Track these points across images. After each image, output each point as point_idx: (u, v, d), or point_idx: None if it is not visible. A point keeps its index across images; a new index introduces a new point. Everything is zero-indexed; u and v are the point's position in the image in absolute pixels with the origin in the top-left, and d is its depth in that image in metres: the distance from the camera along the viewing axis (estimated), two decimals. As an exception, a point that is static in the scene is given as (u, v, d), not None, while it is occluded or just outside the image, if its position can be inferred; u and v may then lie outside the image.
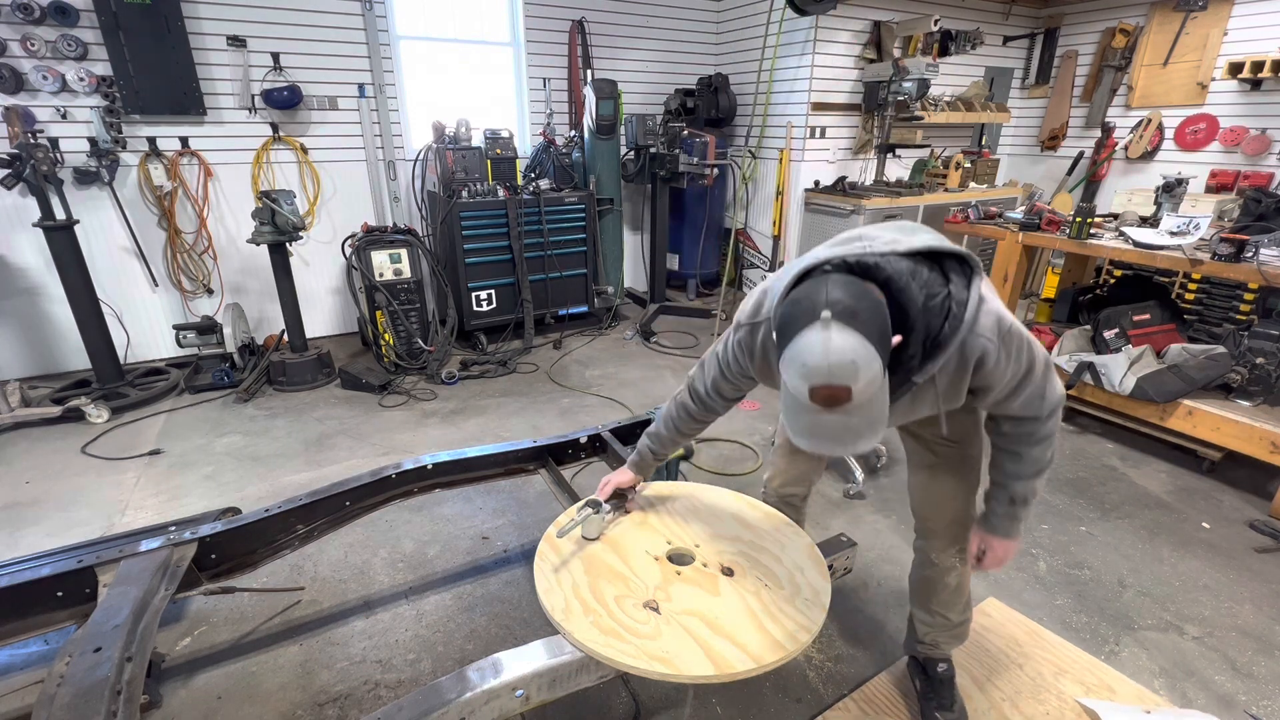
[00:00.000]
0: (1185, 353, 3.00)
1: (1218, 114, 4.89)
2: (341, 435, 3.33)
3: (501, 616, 2.12)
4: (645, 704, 1.80)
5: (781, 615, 1.36)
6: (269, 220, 3.63)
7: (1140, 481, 2.98)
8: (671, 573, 1.50)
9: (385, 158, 4.66)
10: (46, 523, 2.59)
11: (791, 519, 1.71)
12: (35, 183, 3.20)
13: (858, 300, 1.02)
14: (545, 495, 2.75)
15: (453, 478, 2.15)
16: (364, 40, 4.37)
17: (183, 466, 3.02)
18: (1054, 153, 6.02)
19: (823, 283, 1.05)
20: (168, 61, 3.80)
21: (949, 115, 5.37)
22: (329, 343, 4.53)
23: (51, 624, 1.67)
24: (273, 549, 1.90)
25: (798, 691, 1.85)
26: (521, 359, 4.41)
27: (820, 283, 1.05)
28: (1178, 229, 3.03)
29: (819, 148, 5.24)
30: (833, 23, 4.86)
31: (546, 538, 1.59)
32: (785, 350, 1.04)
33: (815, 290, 1.04)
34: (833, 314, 0.99)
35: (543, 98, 5.07)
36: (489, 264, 4.49)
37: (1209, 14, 4.79)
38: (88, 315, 3.50)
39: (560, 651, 1.32)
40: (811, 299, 1.03)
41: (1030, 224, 3.43)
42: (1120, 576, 2.34)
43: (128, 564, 1.65)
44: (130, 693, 1.27)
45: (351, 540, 2.48)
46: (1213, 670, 1.94)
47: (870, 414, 1.04)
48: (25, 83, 3.58)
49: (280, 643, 2.01)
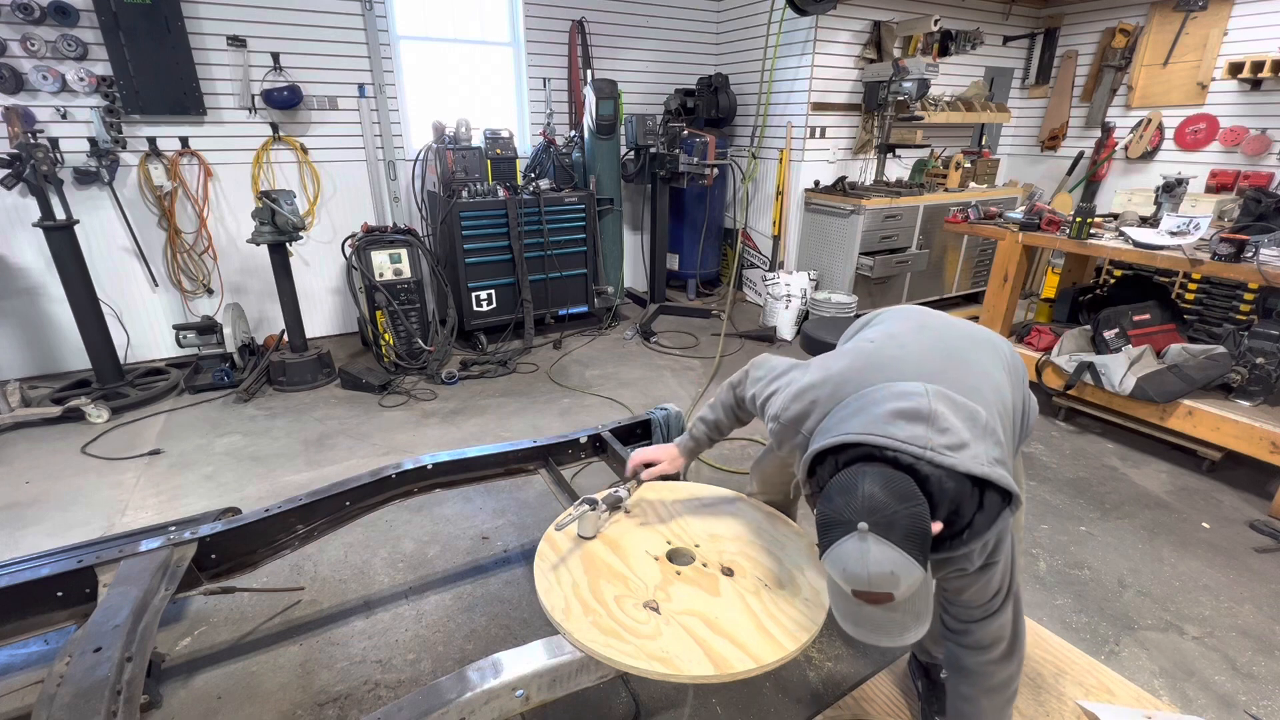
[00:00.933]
0: (1185, 353, 3.00)
1: (1218, 114, 4.89)
2: (341, 435, 3.33)
3: (501, 616, 2.12)
4: (645, 704, 1.80)
5: (781, 615, 1.36)
6: (269, 220, 3.62)
7: (1140, 481, 2.98)
8: (671, 573, 1.50)
9: (385, 158, 4.66)
10: (46, 523, 2.59)
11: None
12: (35, 183, 3.20)
13: (898, 507, 1.02)
14: (545, 495, 2.75)
15: (453, 478, 2.15)
16: (364, 40, 4.37)
17: (183, 466, 3.02)
18: (1054, 153, 6.02)
19: (860, 480, 1.05)
20: (168, 61, 3.80)
21: (949, 115, 5.37)
22: (329, 343, 4.53)
23: (51, 624, 1.67)
24: (273, 549, 1.90)
25: (798, 691, 1.85)
26: (521, 359, 4.41)
27: (858, 479, 1.05)
28: (1178, 229, 3.03)
29: (819, 148, 5.24)
30: (833, 23, 4.85)
31: (546, 538, 1.59)
32: (826, 550, 1.07)
33: (852, 488, 1.05)
34: (870, 526, 1.00)
35: (543, 98, 5.07)
36: (489, 264, 4.49)
37: (1209, 14, 4.79)
38: (88, 315, 3.50)
39: (560, 651, 1.32)
40: (850, 504, 1.03)
41: (1030, 224, 3.43)
42: (1120, 576, 2.34)
43: (128, 564, 1.65)
44: (130, 693, 1.27)
45: (351, 540, 2.48)
46: (1213, 670, 1.94)
47: (915, 608, 1.07)
48: (25, 83, 3.58)
49: (280, 643, 2.01)
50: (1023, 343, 3.62)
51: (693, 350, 4.60)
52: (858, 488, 1.05)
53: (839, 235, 4.98)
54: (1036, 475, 3.01)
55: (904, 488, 1.04)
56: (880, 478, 1.05)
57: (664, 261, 5.55)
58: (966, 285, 5.68)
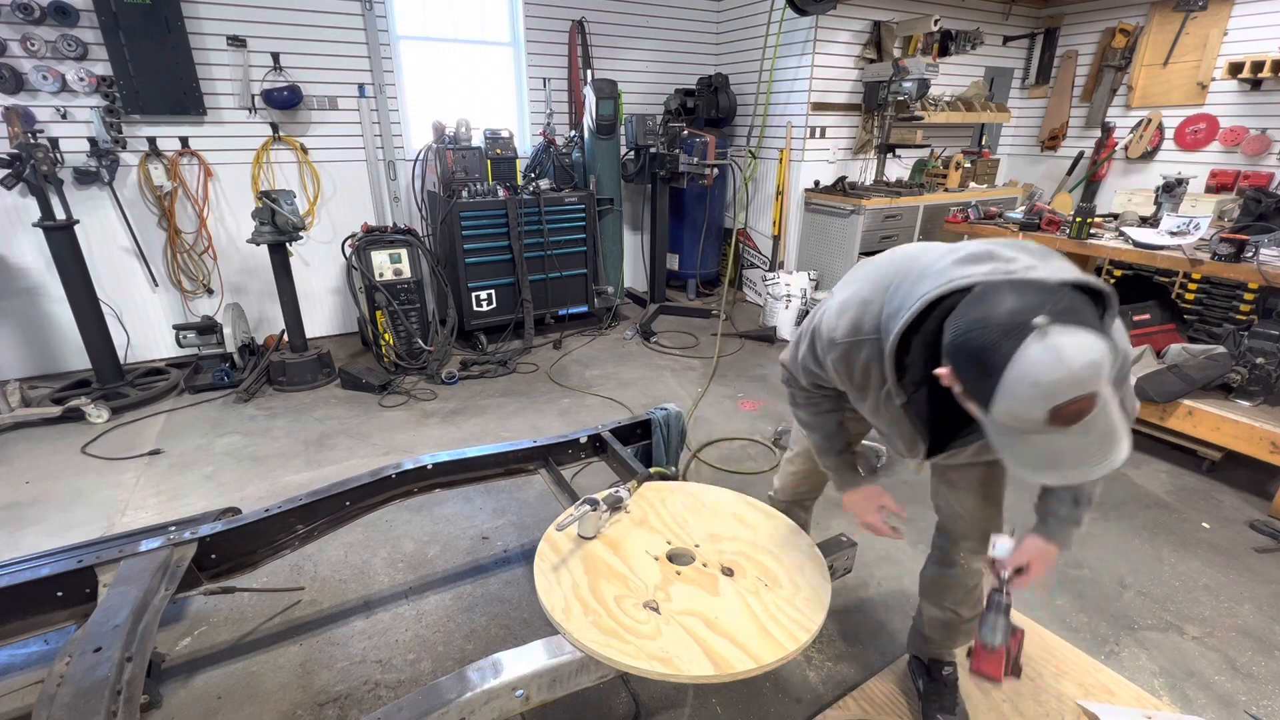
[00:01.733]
0: (1185, 353, 3.00)
1: (1218, 114, 4.89)
2: (341, 435, 3.33)
3: (501, 616, 2.12)
4: (645, 704, 1.80)
5: (781, 615, 1.36)
6: (269, 220, 3.62)
7: (1140, 481, 2.98)
8: (671, 573, 1.50)
9: (385, 158, 4.65)
10: (46, 523, 2.59)
11: (799, 520, 1.70)
12: (35, 183, 3.20)
13: (1057, 296, 0.89)
14: (545, 495, 2.75)
15: (453, 478, 2.15)
16: (364, 40, 4.37)
17: (183, 466, 3.02)
18: (1054, 153, 6.02)
19: (989, 298, 0.92)
20: (168, 61, 3.80)
21: (949, 115, 5.37)
22: (329, 343, 4.53)
23: (51, 624, 1.67)
24: (273, 549, 1.90)
25: (798, 691, 1.85)
26: (521, 359, 4.41)
27: (986, 299, 0.93)
28: (1178, 229, 3.03)
29: (819, 148, 5.24)
30: (833, 23, 4.85)
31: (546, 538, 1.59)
32: (1001, 383, 0.89)
33: (990, 306, 0.91)
34: (1052, 319, 0.86)
35: (543, 98, 5.07)
36: (489, 264, 4.49)
37: (1209, 14, 4.79)
38: (88, 315, 3.50)
39: (560, 651, 1.32)
40: (999, 315, 0.89)
41: (1030, 224, 3.43)
42: (1120, 576, 2.34)
43: (128, 564, 1.65)
44: (130, 693, 1.27)
45: (351, 540, 2.48)
46: (1213, 670, 1.94)
47: (1109, 417, 0.91)
48: (25, 83, 3.58)
49: (280, 643, 2.01)
50: (1023, 343, 3.62)
51: (693, 350, 4.60)
52: (994, 304, 0.90)
53: (839, 235, 4.99)
54: (1036, 475, 3.01)
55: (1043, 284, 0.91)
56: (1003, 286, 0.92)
57: (664, 261, 5.55)
58: (966, 285, 5.67)
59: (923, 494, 2.88)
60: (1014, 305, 0.89)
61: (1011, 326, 0.88)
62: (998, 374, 0.89)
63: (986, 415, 0.95)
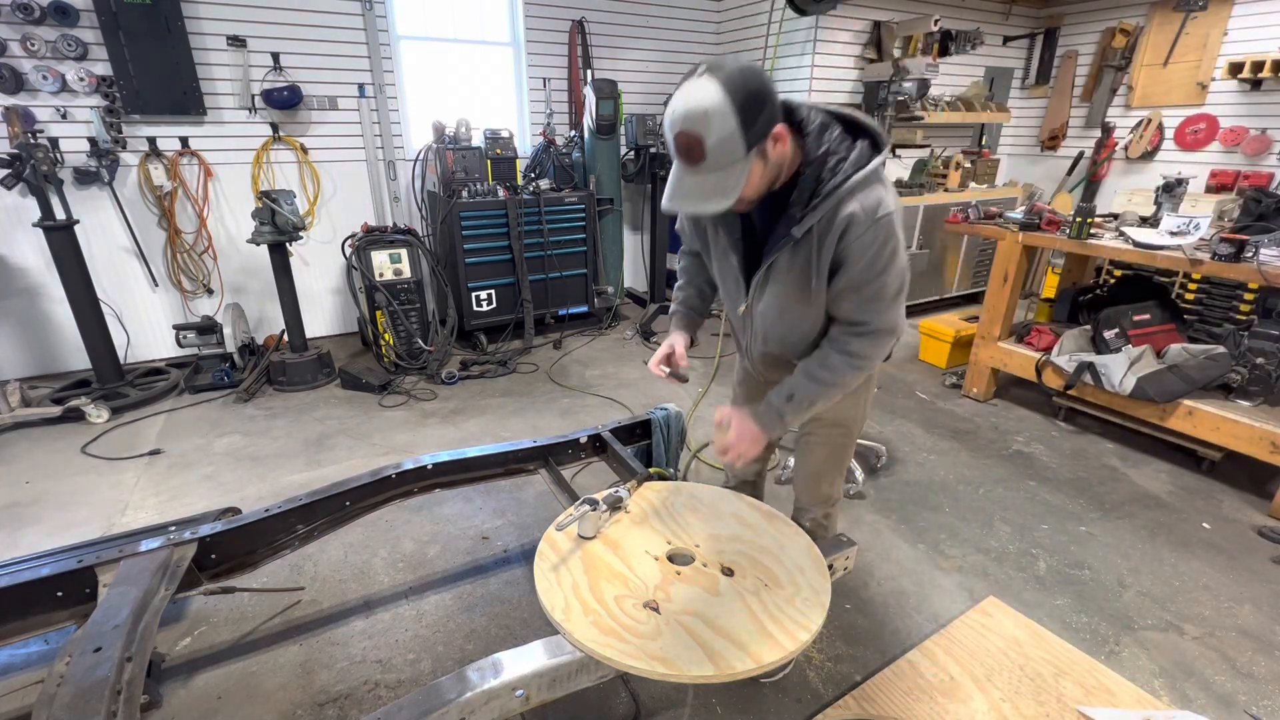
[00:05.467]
0: (1185, 353, 3.00)
1: (1218, 114, 4.89)
2: (341, 435, 3.33)
3: (501, 616, 2.12)
4: (645, 704, 1.80)
5: (781, 615, 1.36)
6: (269, 220, 3.63)
7: (1140, 481, 2.98)
8: (671, 573, 1.50)
9: (385, 158, 4.65)
10: (46, 523, 2.59)
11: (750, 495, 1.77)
12: (35, 183, 3.20)
13: (748, 71, 1.07)
14: (545, 495, 2.75)
15: (453, 478, 2.15)
16: (364, 40, 4.37)
17: (182, 466, 3.02)
18: (1054, 153, 6.02)
19: (731, 59, 1.11)
20: (168, 61, 3.80)
21: (949, 115, 5.37)
22: (329, 343, 4.53)
23: (51, 624, 1.67)
24: (273, 549, 1.90)
25: (798, 691, 1.85)
26: (521, 359, 4.40)
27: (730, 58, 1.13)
28: (1178, 229, 3.03)
29: (819, 148, 5.23)
30: (833, 23, 4.85)
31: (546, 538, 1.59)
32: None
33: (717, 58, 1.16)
34: (708, 67, 1.06)
35: (543, 98, 5.07)
36: (489, 264, 4.49)
37: (1209, 14, 4.79)
38: (88, 315, 3.50)
39: (560, 651, 1.31)
40: (702, 63, 1.09)
41: (1030, 224, 3.43)
42: (1120, 576, 2.34)
43: (128, 564, 1.65)
44: (130, 693, 1.27)
45: (351, 540, 2.48)
46: (1213, 670, 1.94)
47: (723, 179, 1.12)
48: (25, 83, 3.58)
49: (280, 643, 2.01)
50: (1023, 343, 3.62)
51: (692, 350, 4.59)
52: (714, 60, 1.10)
53: (839, 235, 4.98)
54: (1037, 475, 3.01)
55: (760, 76, 1.09)
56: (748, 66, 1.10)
57: (664, 261, 5.54)
58: (966, 285, 5.68)
59: (922, 495, 2.89)
60: (714, 60, 1.09)
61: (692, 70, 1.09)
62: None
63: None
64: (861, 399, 1.68)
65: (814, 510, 1.87)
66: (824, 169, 1.18)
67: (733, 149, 1.07)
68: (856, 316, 1.31)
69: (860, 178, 1.16)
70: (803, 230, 1.21)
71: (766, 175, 1.17)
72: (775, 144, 1.13)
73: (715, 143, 1.06)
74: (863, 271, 1.23)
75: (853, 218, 1.18)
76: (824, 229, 1.21)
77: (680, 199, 1.16)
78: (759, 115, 1.07)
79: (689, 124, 1.06)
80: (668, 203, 1.19)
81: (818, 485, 1.82)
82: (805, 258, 1.26)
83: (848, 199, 1.17)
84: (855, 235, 1.19)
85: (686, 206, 1.17)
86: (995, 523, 2.65)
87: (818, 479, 1.81)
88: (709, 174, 1.11)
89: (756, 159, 1.12)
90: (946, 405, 3.77)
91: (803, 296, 1.33)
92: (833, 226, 1.20)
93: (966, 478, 2.99)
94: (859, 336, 1.33)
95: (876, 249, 1.21)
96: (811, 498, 1.84)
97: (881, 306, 1.28)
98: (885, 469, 3.04)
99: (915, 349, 4.57)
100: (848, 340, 1.34)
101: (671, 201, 1.18)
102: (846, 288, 1.27)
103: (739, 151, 1.08)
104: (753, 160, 1.11)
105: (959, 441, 3.33)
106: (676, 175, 1.15)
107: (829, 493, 1.84)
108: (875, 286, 1.25)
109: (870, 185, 1.19)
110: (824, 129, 1.19)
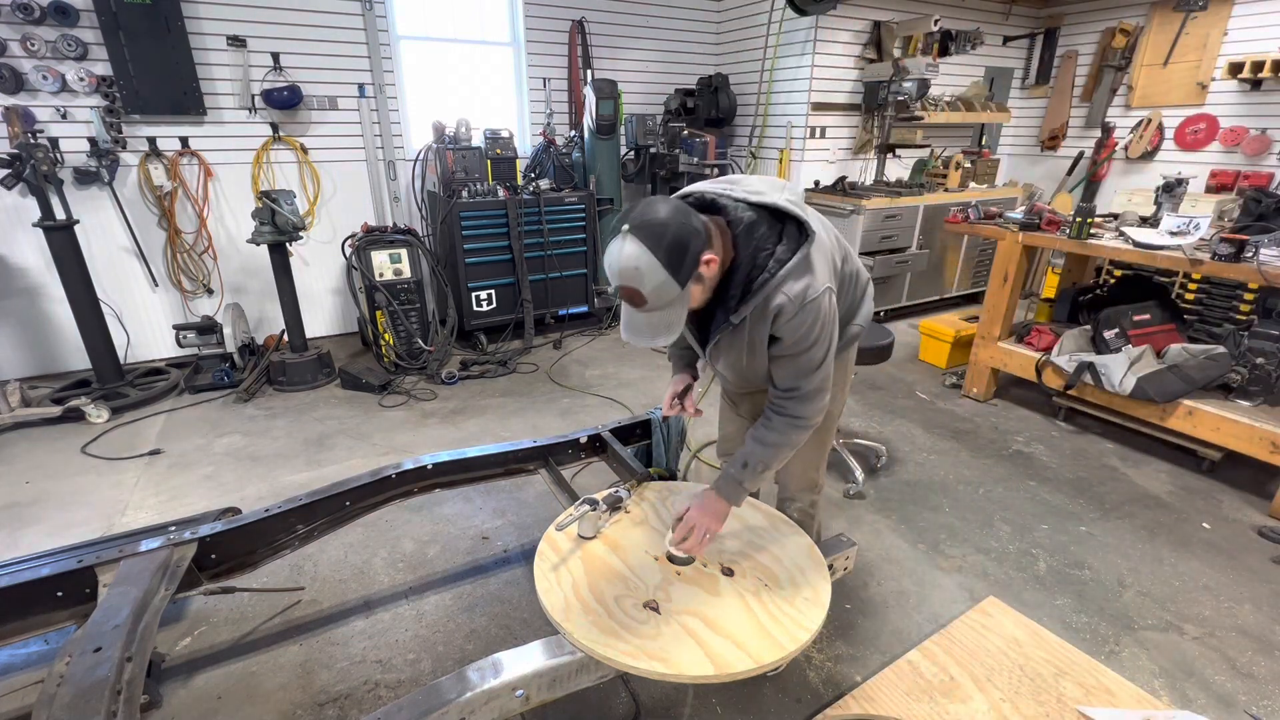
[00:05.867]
0: (1185, 353, 3.00)
1: (1218, 114, 4.89)
2: (341, 435, 3.33)
3: (501, 616, 2.12)
4: (645, 704, 1.80)
5: (781, 615, 1.36)
6: (269, 220, 3.62)
7: (1140, 481, 2.98)
8: (671, 573, 1.50)
9: (385, 158, 4.65)
10: (46, 523, 2.59)
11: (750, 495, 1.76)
12: (35, 183, 3.20)
13: (667, 223, 1.18)
14: (545, 495, 2.75)
15: (453, 478, 2.15)
16: (364, 40, 4.37)
17: (183, 466, 3.02)
18: (1054, 153, 6.02)
19: (656, 202, 1.22)
20: (168, 61, 3.80)
21: (949, 115, 5.37)
22: (329, 343, 4.53)
23: (51, 624, 1.67)
24: (273, 549, 1.90)
25: (798, 691, 1.85)
26: (521, 359, 4.41)
27: (655, 201, 1.23)
28: (1178, 229, 3.03)
29: (819, 148, 5.24)
30: (833, 23, 4.86)
31: (546, 538, 1.59)
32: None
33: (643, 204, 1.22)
34: (630, 228, 1.17)
35: (543, 98, 5.07)
36: (489, 264, 4.49)
37: (1209, 14, 4.79)
38: (88, 315, 3.50)
39: (560, 651, 1.32)
40: (628, 214, 1.21)
41: (1030, 224, 3.43)
42: (1120, 576, 2.34)
43: (128, 564, 1.65)
44: (130, 693, 1.27)
45: (351, 540, 2.48)
46: (1213, 670, 1.94)
47: (668, 315, 1.25)
48: (25, 83, 3.58)
49: (280, 643, 2.01)
50: (1023, 343, 3.62)
51: (693, 350, 4.59)
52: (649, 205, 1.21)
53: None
54: (1037, 475, 3.01)
55: (685, 215, 1.21)
56: (671, 204, 1.23)
57: (664, 261, 5.54)
58: (966, 285, 5.68)
59: (922, 495, 2.89)
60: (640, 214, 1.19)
61: (621, 223, 1.20)
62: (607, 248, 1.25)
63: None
64: (840, 385, 1.76)
65: (800, 499, 1.93)
66: (754, 266, 1.30)
67: (668, 290, 1.20)
68: (790, 383, 1.44)
69: (786, 272, 1.29)
70: (740, 318, 1.34)
71: (705, 290, 1.32)
72: (708, 266, 1.25)
73: (651, 290, 1.19)
74: (794, 345, 1.37)
75: (781, 307, 1.31)
76: (757, 316, 1.35)
77: (633, 333, 1.30)
78: (684, 259, 1.19)
79: (625, 280, 1.19)
80: (624, 334, 1.33)
81: (804, 472, 1.87)
82: (745, 335, 1.41)
83: (775, 293, 1.30)
84: (785, 319, 1.32)
85: (639, 341, 1.30)
86: (995, 523, 2.65)
87: (803, 466, 1.85)
88: (653, 312, 1.24)
89: (693, 286, 1.25)
90: (946, 405, 3.77)
91: (751, 359, 1.47)
92: (765, 314, 1.33)
93: (966, 478, 2.99)
94: (793, 400, 1.45)
95: (805, 329, 1.34)
96: (798, 485, 1.90)
97: (811, 371, 1.41)
98: (885, 469, 3.04)
99: (915, 349, 4.57)
100: (785, 404, 1.46)
101: (626, 334, 1.32)
102: (780, 356, 1.42)
103: (674, 291, 1.20)
104: (689, 290, 1.24)
105: (959, 441, 3.33)
106: (627, 313, 1.30)
107: (815, 479, 1.90)
108: (805, 358, 1.39)
109: (799, 275, 1.30)
110: (751, 227, 1.30)
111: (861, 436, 3.19)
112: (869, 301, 1.70)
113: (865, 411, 3.66)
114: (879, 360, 2.84)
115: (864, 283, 1.69)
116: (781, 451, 1.50)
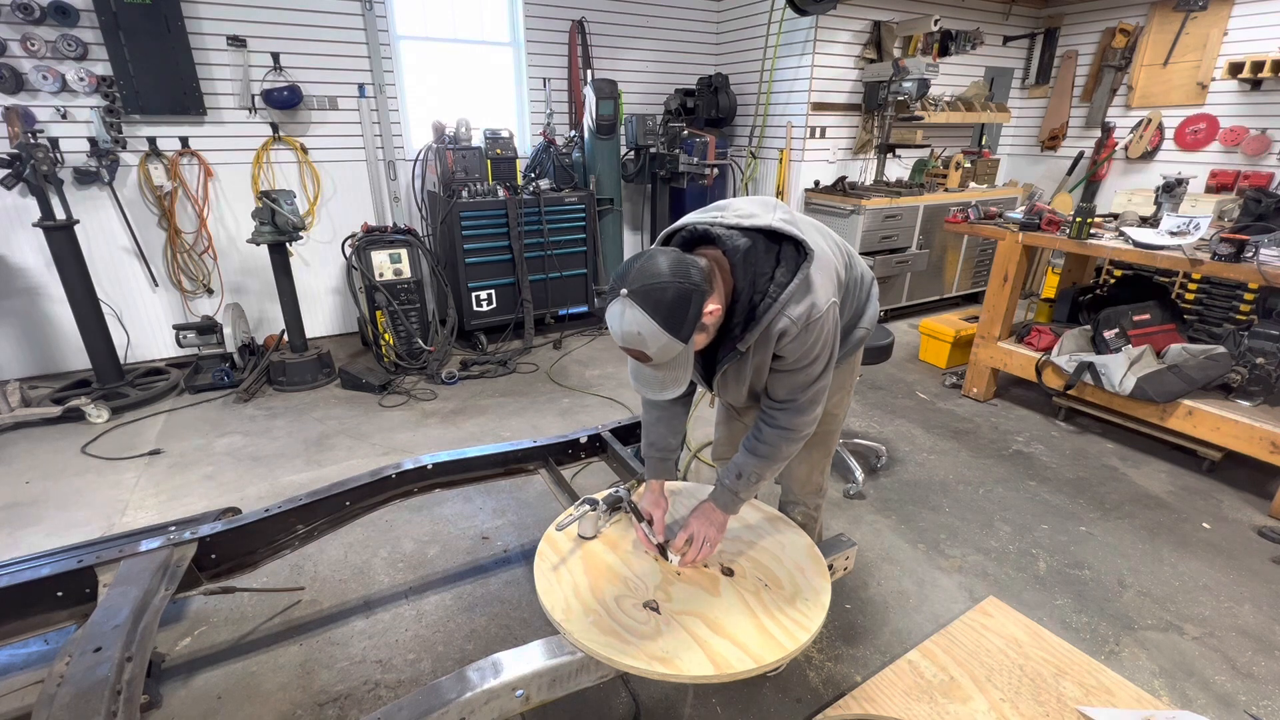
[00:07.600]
0: (1185, 353, 3.00)
1: (1218, 114, 4.89)
2: (341, 435, 3.33)
3: (501, 616, 2.12)
4: (645, 704, 1.80)
5: (781, 615, 1.36)
6: (269, 220, 3.63)
7: (1140, 481, 2.98)
8: (671, 573, 1.50)
9: (385, 158, 4.65)
10: (46, 523, 2.59)
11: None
12: (35, 183, 3.20)
13: (666, 286, 1.15)
14: (545, 495, 2.75)
15: (453, 478, 2.15)
16: (364, 40, 4.37)
17: (183, 466, 3.02)
18: (1054, 153, 6.02)
19: (653, 258, 1.20)
20: (168, 61, 3.80)
21: (949, 115, 5.37)
22: (329, 343, 4.52)
23: (51, 624, 1.67)
24: (273, 549, 1.90)
25: (798, 691, 1.85)
26: (521, 359, 4.40)
27: (652, 258, 1.20)
28: (1178, 229, 3.03)
29: (819, 148, 5.24)
30: (833, 23, 4.85)
31: (546, 538, 1.59)
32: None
33: (641, 262, 1.19)
34: (629, 293, 1.15)
35: (543, 98, 5.07)
36: (489, 264, 4.49)
37: (1209, 14, 4.79)
38: (88, 315, 3.50)
39: (560, 651, 1.32)
40: (626, 272, 1.18)
41: (1030, 224, 3.43)
42: (1120, 576, 2.34)
43: (128, 564, 1.65)
44: (130, 693, 1.27)
45: (351, 540, 2.48)
46: (1213, 670, 1.94)
47: (675, 370, 1.25)
48: (25, 83, 3.58)
49: (280, 643, 2.01)
50: (1023, 343, 3.62)
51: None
52: (647, 260, 1.19)
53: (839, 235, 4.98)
54: (1037, 475, 3.01)
55: (682, 266, 1.18)
56: (664, 256, 1.20)
57: (664, 261, 5.54)
58: (967, 285, 5.68)
59: (922, 495, 2.89)
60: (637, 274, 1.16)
61: (619, 284, 1.17)
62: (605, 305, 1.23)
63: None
64: (845, 388, 1.78)
65: (804, 502, 1.92)
66: (754, 292, 1.29)
67: (672, 349, 1.19)
68: (786, 396, 1.45)
69: (787, 295, 1.27)
70: (746, 345, 1.34)
71: (710, 335, 1.31)
72: (710, 315, 1.23)
73: (656, 351, 1.18)
74: (795, 363, 1.38)
75: (785, 330, 1.30)
76: (761, 341, 1.34)
77: (644, 385, 1.31)
78: (684, 318, 1.17)
79: (628, 343, 1.19)
80: (634, 383, 1.35)
81: (809, 476, 1.87)
82: (749, 361, 1.41)
83: (779, 317, 1.29)
84: (788, 340, 1.32)
85: (650, 394, 1.31)
86: (995, 523, 2.65)
87: (808, 470, 1.85)
88: (660, 369, 1.24)
89: (698, 335, 1.24)
90: (946, 405, 3.77)
91: (757, 379, 1.47)
92: (769, 338, 1.33)
93: (966, 478, 2.99)
94: (786, 412, 1.45)
95: (808, 348, 1.35)
96: (802, 489, 1.90)
97: (809, 385, 1.42)
98: (885, 469, 3.04)
99: (915, 349, 4.57)
100: (777, 415, 1.47)
101: (636, 383, 1.34)
102: (780, 371, 1.42)
103: (678, 348, 1.19)
104: (693, 341, 1.23)
105: (959, 441, 3.33)
106: (634, 366, 1.30)
107: (819, 482, 1.90)
108: (805, 373, 1.40)
109: (800, 297, 1.29)
110: (748, 254, 1.28)
111: (861, 436, 3.19)
112: (874, 302, 1.69)
113: (865, 411, 3.66)
114: (879, 360, 2.84)
115: (869, 284, 1.68)
116: (775, 463, 1.51)
